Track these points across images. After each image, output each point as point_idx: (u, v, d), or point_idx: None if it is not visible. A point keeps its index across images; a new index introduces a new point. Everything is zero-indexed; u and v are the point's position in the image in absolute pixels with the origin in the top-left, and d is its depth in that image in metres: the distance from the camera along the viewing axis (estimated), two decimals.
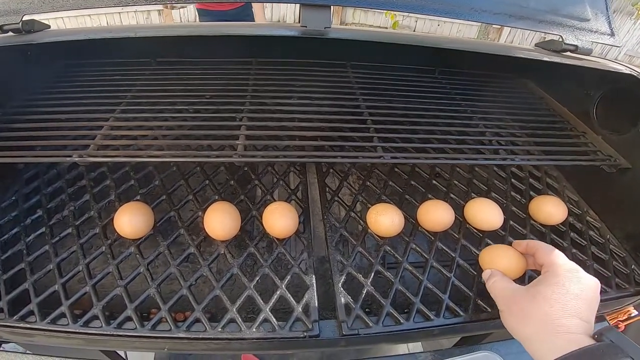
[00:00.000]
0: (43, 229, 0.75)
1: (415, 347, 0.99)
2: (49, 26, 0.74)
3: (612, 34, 0.86)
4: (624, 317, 0.80)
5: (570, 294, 0.52)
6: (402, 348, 1.01)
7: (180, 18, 5.25)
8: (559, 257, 0.60)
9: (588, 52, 0.84)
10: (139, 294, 0.66)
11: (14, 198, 0.81)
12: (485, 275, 0.66)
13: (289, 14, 6.15)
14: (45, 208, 0.79)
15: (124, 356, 0.79)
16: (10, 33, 0.69)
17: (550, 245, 0.64)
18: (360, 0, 0.67)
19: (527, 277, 0.73)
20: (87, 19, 5.11)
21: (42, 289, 0.66)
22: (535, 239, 0.71)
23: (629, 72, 0.81)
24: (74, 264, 0.72)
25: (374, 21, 6.34)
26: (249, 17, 2.72)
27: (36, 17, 0.72)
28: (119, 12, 5.32)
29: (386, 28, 5.99)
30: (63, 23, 4.71)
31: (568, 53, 0.84)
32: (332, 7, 0.68)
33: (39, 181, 0.84)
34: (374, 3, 0.67)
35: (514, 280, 0.63)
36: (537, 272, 0.74)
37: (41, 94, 0.88)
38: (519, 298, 0.56)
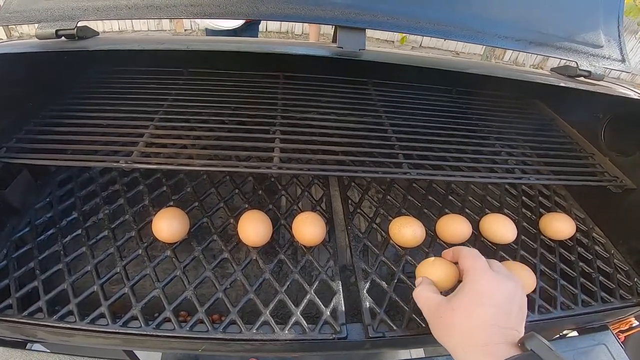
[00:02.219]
0: (79, 231, 0.78)
1: (418, 354, 1.00)
2: (98, 33, 0.76)
3: (623, 60, 0.90)
4: (626, 327, 0.84)
5: (486, 300, 0.51)
6: (405, 354, 1.03)
7: (191, 24, 5.29)
8: (475, 260, 0.57)
9: (600, 78, 0.87)
10: (175, 296, 0.68)
11: (48, 200, 0.84)
12: (417, 282, 0.64)
13: (297, 25, 6.21)
14: (80, 210, 0.82)
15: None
16: (63, 38, 0.70)
17: (472, 249, 0.61)
18: (394, 24, 0.70)
19: None
20: (99, 22, 5.11)
21: (80, 290, 0.68)
22: (462, 247, 0.64)
23: (638, 97, 0.86)
24: (107, 266, 0.75)
25: (381, 34, 6.40)
26: (254, 32, 2.68)
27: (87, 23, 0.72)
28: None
29: (393, 42, 6.04)
30: None
31: (582, 78, 0.87)
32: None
33: (73, 184, 0.87)
34: (406, 27, 0.71)
35: (449, 289, 0.62)
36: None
37: (78, 99, 0.91)
38: (442, 311, 0.55)
